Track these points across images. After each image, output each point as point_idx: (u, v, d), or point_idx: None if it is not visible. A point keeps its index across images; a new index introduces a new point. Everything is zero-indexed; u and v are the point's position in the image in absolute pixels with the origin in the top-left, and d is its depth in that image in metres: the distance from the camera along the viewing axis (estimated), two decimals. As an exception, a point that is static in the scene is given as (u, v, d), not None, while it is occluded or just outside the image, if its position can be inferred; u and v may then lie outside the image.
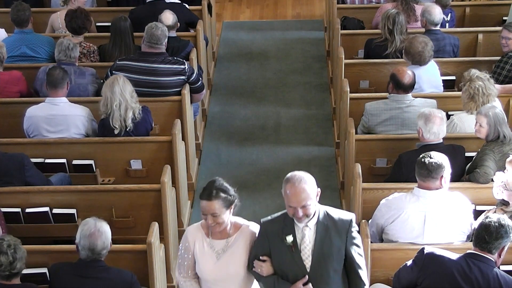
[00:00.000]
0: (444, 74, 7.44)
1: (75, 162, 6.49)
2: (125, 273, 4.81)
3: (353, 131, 6.48)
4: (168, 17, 7.62)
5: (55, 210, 5.95)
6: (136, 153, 6.56)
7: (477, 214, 5.34)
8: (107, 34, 7.79)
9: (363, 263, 4.55)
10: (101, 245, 4.69)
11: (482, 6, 9.05)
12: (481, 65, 7.19)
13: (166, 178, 5.97)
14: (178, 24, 7.77)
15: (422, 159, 5.13)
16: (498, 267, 4.59)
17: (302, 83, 9.43)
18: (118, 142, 6.49)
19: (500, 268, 4.64)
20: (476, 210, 5.51)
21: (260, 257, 4.54)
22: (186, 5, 8.57)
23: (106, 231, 4.73)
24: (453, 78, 7.55)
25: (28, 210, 5.92)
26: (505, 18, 8.60)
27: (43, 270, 5.15)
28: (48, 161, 6.46)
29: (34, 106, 6.64)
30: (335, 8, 8.98)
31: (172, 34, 7.58)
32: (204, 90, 7.60)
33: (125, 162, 6.58)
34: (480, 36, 8.22)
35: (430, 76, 7.11)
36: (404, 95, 6.58)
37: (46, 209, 5.92)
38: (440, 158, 5.12)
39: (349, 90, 7.08)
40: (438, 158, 5.11)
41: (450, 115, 6.62)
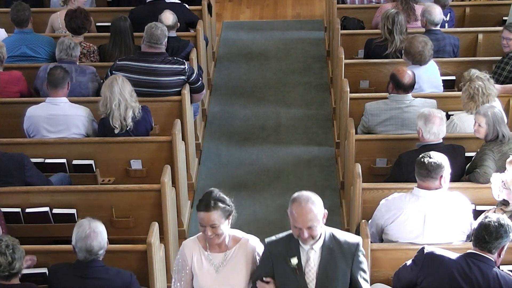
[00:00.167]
0: (444, 74, 7.44)
1: (75, 162, 6.49)
2: (124, 273, 4.80)
3: (353, 131, 6.48)
4: (168, 17, 7.62)
5: (55, 210, 5.95)
6: (136, 153, 6.56)
7: (477, 214, 5.33)
8: (107, 34, 7.79)
9: None
10: (97, 245, 4.67)
11: (482, 6, 9.05)
12: (481, 65, 7.19)
13: (166, 178, 5.97)
14: (178, 24, 7.76)
15: (422, 159, 5.12)
16: (498, 267, 4.60)
17: (302, 83, 9.43)
18: (118, 142, 6.49)
19: (500, 268, 4.65)
20: (476, 210, 5.51)
21: (263, 277, 4.45)
22: (186, 5, 8.56)
23: (102, 231, 4.71)
24: (453, 78, 7.55)
25: (28, 210, 5.91)
26: (505, 18, 8.60)
27: (43, 270, 5.14)
28: (48, 161, 6.45)
29: (34, 106, 6.64)
30: (335, 8, 8.98)
31: (172, 34, 7.58)
32: (204, 90, 7.60)
33: (125, 162, 6.58)
34: (480, 36, 8.22)
35: (430, 76, 7.11)
36: (404, 95, 6.58)
37: (46, 209, 5.91)
38: (439, 158, 5.11)
39: (349, 90, 7.08)
40: (437, 158, 5.11)
41: (450, 115, 6.62)
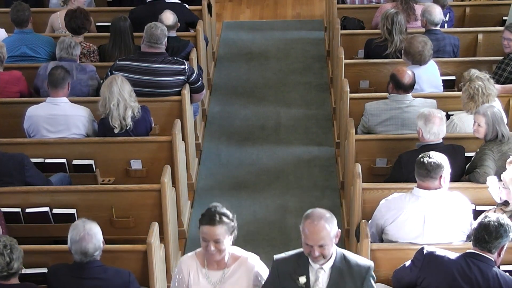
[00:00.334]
0: (444, 74, 7.44)
1: (75, 162, 6.48)
2: (122, 272, 4.80)
3: (353, 131, 6.48)
4: (168, 17, 7.62)
5: (55, 210, 5.94)
6: (136, 153, 6.56)
7: (477, 214, 5.32)
8: (107, 34, 7.79)
9: None
10: (92, 247, 4.66)
11: (482, 6, 9.04)
12: (481, 65, 7.19)
13: (166, 178, 5.97)
14: (178, 24, 7.76)
15: (421, 159, 5.12)
16: (497, 267, 4.60)
17: (302, 83, 9.43)
18: (118, 142, 6.49)
19: (500, 267, 4.65)
20: (476, 210, 5.51)
21: None
22: (186, 5, 8.56)
23: (96, 233, 4.69)
24: (453, 78, 7.54)
25: (28, 210, 5.91)
26: (505, 18, 8.59)
27: (43, 270, 5.13)
28: (48, 161, 6.45)
29: (34, 105, 6.63)
30: (335, 8, 8.98)
31: (172, 34, 7.58)
32: (204, 90, 7.60)
33: (125, 162, 6.58)
34: (480, 36, 8.22)
35: (430, 76, 7.11)
36: (404, 95, 6.58)
37: (46, 209, 5.91)
38: (439, 158, 5.11)
39: (349, 90, 7.08)
40: (437, 158, 5.11)
41: (450, 115, 6.62)
